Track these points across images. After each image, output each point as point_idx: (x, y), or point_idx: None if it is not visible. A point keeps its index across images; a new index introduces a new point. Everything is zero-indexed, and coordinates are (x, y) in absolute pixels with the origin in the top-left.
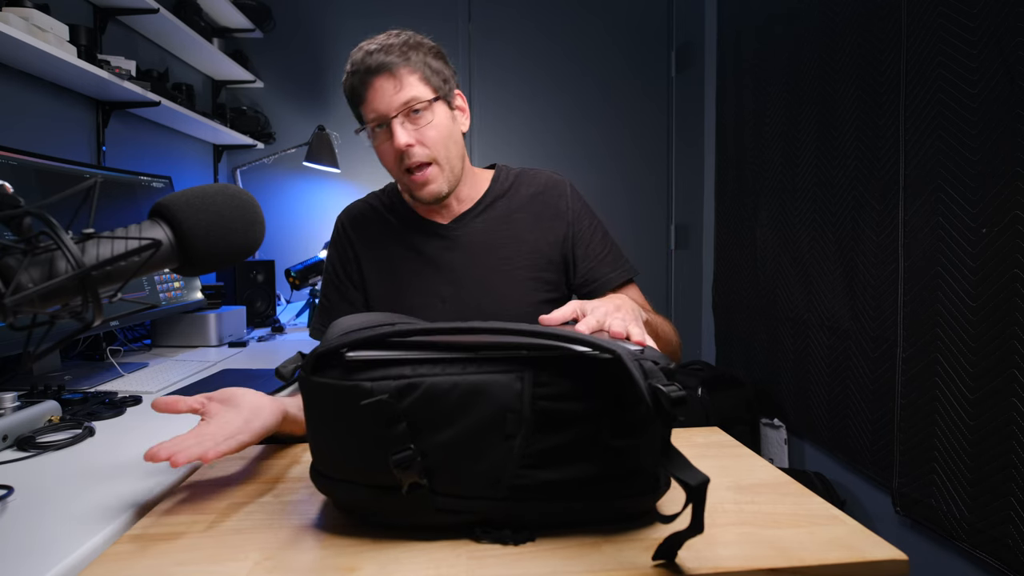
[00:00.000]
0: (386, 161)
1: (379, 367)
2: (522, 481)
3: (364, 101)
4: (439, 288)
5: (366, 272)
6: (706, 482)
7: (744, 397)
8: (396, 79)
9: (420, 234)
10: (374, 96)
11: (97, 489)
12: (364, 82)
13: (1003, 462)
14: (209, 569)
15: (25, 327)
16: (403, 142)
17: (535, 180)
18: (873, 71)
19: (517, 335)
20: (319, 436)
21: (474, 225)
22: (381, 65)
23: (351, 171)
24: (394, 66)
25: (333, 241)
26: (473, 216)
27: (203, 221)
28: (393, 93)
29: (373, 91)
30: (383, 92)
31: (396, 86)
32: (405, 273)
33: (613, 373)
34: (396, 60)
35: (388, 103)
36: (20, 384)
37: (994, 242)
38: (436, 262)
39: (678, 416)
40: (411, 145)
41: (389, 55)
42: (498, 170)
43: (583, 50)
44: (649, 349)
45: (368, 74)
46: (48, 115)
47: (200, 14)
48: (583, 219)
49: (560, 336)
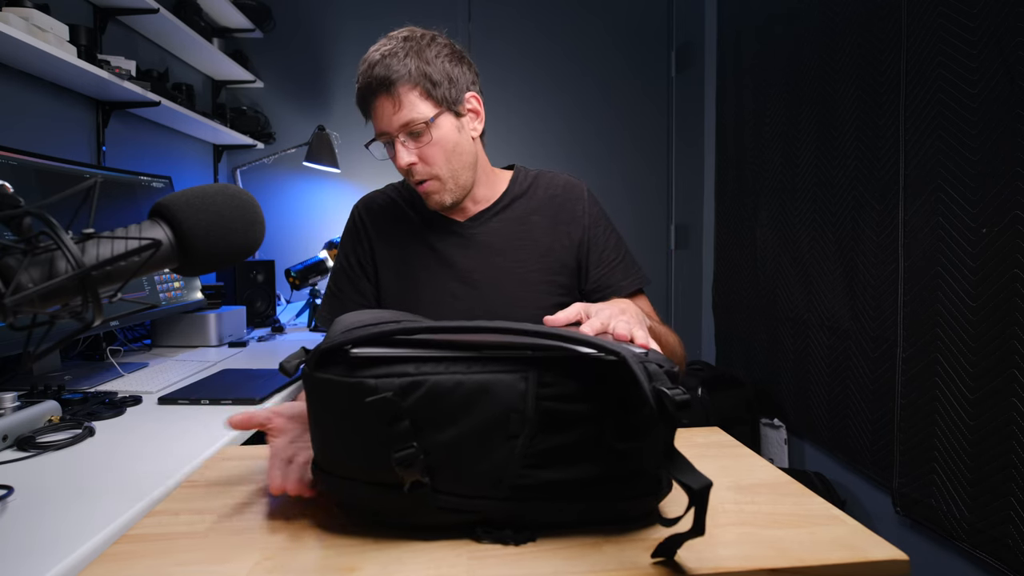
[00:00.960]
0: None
1: (383, 364)
2: (524, 481)
3: (370, 116)
4: (452, 285)
5: (380, 263)
6: (708, 486)
7: (744, 397)
8: (394, 99)
9: (436, 231)
10: (376, 114)
11: (97, 489)
12: (366, 100)
13: (1003, 462)
14: (209, 569)
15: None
16: (404, 162)
17: (553, 182)
18: (873, 71)
19: (522, 335)
20: (321, 432)
21: (490, 225)
22: (380, 83)
23: (351, 171)
24: (392, 84)
25: (348, 230)
26: (490, 216)
27: (203, 221)
28: (392, 113)
29: (375, 109)
30: (383, 111)
31: (395, 106)
32: (419, 268)
33: (618, 375)
34: (395, 76)
35: (388, 123)
36: (20, 384)
37: (994, 242)
38: (450, 260)
39: (682, 420)
40: (413, 164)
41: (389, 69)
42: (516, 171)
43: (583, 50)
44: (653, 352)
45: (369, 92)
46: (48, 115)
47: (200, 14)
48: (599, 224)
49: (565, 337)
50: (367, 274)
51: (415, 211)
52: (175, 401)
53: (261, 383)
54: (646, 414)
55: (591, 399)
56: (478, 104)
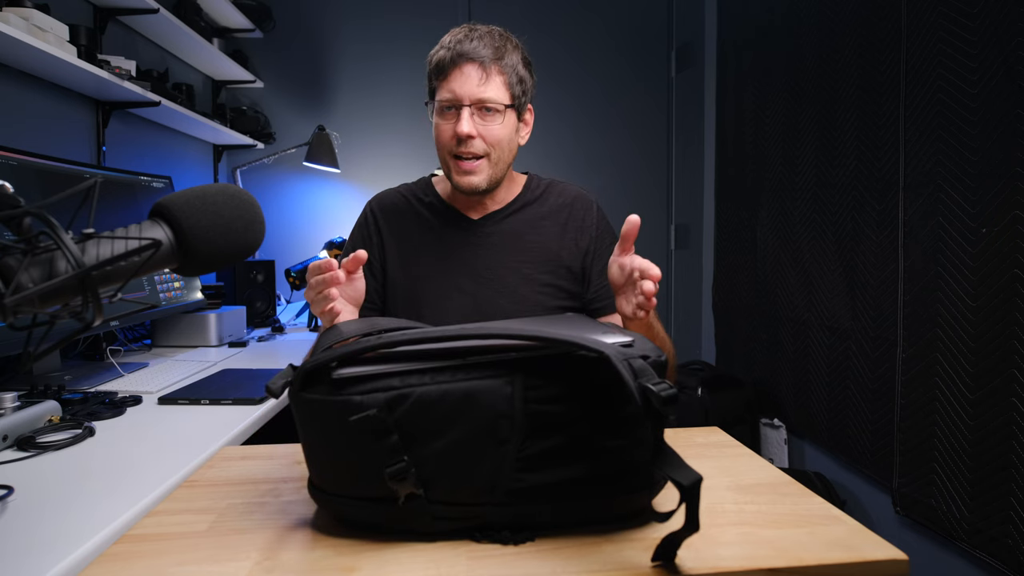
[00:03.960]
0: (440, 139)
1: (368, 380)
2: (518, 485)
3: (446, 79)
4: (459, 280)
5: (388, 259)
6: (699, 481)
7: (744, 397)
8: (485, 72)
9: (448, 226)
10: (458, 77)
11: (97, 489)
12: (455, 61)
13: (1003, 462)
14: (209, 569)
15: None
16: (466, 130)
17: (565, 192)
18: (873, 71)
19: (505, 338)
20: (313, 451)
21: (502, 225)
22: (476, 54)
23: (351, 171)
24: (488, 60)
25: (359, 225)
26: (503, 216)
27: (203, 221)
28: (477, 83)
29: (459, 72)
30: (468, 78)
31: (482, 78)
32: (427, 262)
33: (603, 373)
34: (492, 55)
35: (468, 91)
36: (20, 384)
37: (994, 242)
38: (460, 254)
39: (669, 415)
40: (472, 136)
41: (487, 48)
42: (530, 178)
43: (583, 50)
44: (639, 341)
45: (461, 56)
46: (48, 115)
47: (200, 14)
48: (605, 237)
49: (548, 338)
50: (373, 271)
51: (427, 208)
52: (175, 401)
53: (261, 383)
54: (633, 411)
55: (578, 399)
56: (530, 117)
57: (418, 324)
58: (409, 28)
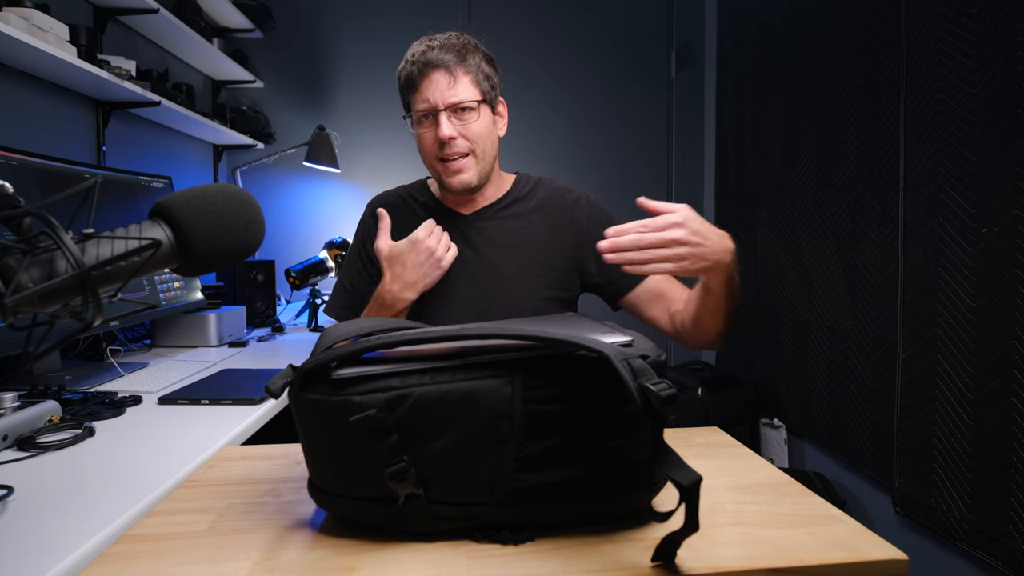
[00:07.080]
0: (424, 148)
1: (368, 380)
2: (518, 485)
3: (417, 90)
4: (456, 274)
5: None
6: (698, 481)
7: (744, 397)
8: (452, 76)
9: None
10: (428, 87)
11: (97, 489)
12: (422, 72)
13: (1003, 462)
14: (209, 569)
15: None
16: (447, 133)
17: (552, 186)
18: (873, 71)
19: (505, 338)
20: (314, 451)
21: (494, 220)
22: (440, 61)
23: (351, 171)
24: (452, 64)
25: (361, 222)
26: (494, 212)
27: (203, 221)
28: (446, 88)
29: (428, 82)
30: (438, 85)
31: (450, 82)
32: None
33: (603, 373)
34: (455, 59)
35: (440, 96)
36: (20, 384)
37: (994, 242)
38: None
39: (669, 415)
40: (453, 137)
41: (449, 53)
42: (519, 176)
43: (583, 50)
44: (639, 340)
45: (427, 66)
46: (48, 115)
47: (200, 14)
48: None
49: (548, 338)
50: (378, 269)
51: (421, 206)
52: (175, 401)
53: (261, 383)
54: (632, 411)
55: (578, 399)
56: (504, 109)
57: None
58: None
